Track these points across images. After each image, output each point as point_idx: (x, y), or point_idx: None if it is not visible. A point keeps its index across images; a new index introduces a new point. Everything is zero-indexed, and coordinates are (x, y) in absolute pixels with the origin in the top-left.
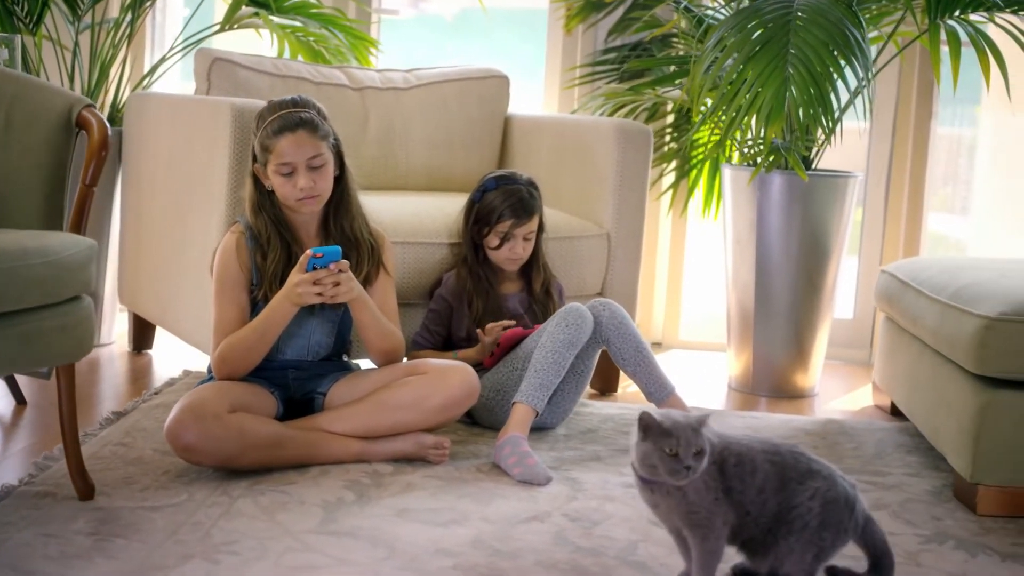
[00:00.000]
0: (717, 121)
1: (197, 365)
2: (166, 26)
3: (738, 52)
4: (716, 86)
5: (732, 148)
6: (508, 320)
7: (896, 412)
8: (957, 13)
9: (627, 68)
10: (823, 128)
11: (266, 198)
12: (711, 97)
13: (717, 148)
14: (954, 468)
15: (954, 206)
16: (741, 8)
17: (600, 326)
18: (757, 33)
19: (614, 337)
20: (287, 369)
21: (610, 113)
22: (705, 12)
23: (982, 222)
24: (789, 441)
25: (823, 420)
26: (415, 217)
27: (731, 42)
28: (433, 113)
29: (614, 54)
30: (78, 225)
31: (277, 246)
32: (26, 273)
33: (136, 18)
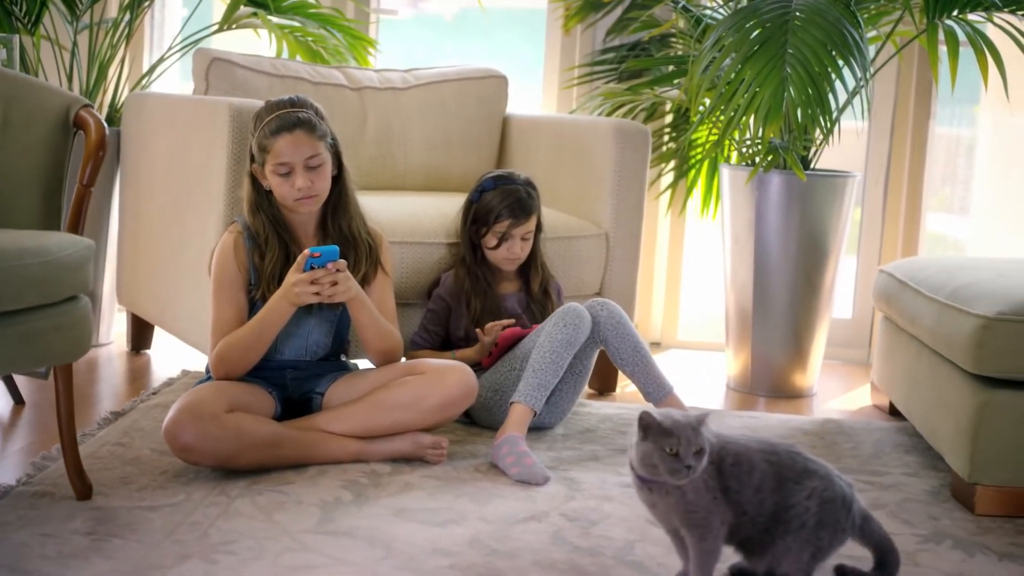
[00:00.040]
0: (715, 121)
1: (195, 365)
2: (164, 26)
3: (736, 52)
4: (714, 86)
5: (730, 148)
6: (508, 319)
7: (895, 412)
8: (955, 13)
9: (625, 68)
10: (821, 128)
11: (264, 198)
12: (709, 97)
13: (715, 148)
14: (952, 468)
15: (953, 206)
16: (739, 8)
17: (598, 326)
18: (755, 33)
19: (612, 337)
20: (285, 369)
21: (608, 113)
22: (703, 12)
23: (981, 222)
24: (787, 441)
25: (821, 420)
26: (413, 217)
27: (729, 42)
28: (431, 113)
29: (612, 54)
30: (76, 225)
31: (275, 246)
32: (23, 273)
33: (134, 18)
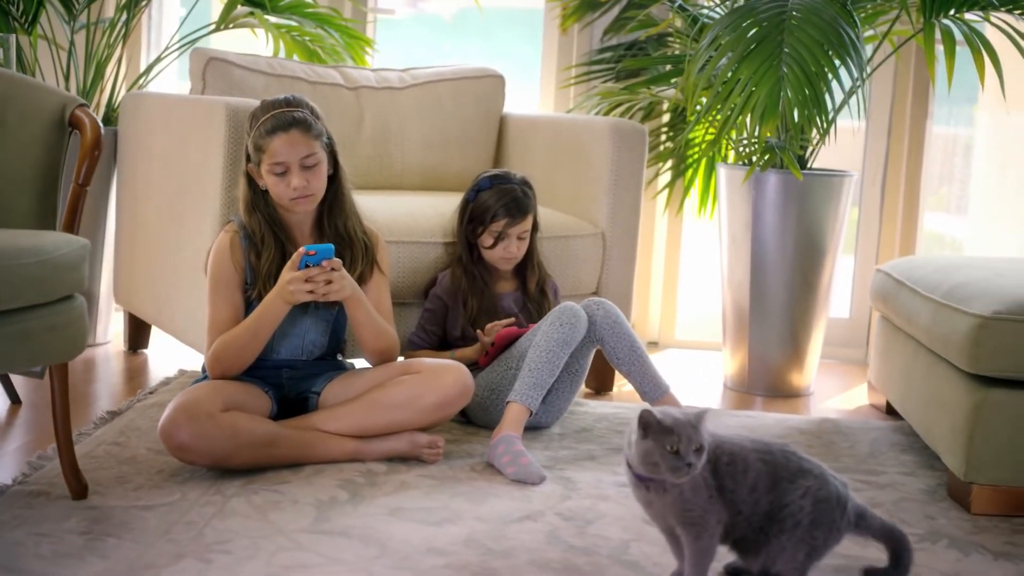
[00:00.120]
0: (712, 120)
1: (192, 364)
2: (162, 25)
3: (732, 51)
4: (711, 85)
5: (727, 147)
6: (507, 319)
7: (891, 411)
8: (952, 12)
9: (622, 67)
10: (817, 128)
11: (260, 197)
12: (706, 96)
13: (712, 147)
14: (948, 467)
15: (950, 205)
16: (736, 7)
17: (594, 325)
18: (751, 32)
19: (608, 336)
20: (281, 368)
21: (606, 112)
22: (700, 11)
23: (979, 221)
24: (784, 440)
25: (818, 419)
26: (410, 216)
27: (725, 41)
28: (428, 112)
29: (610, 53)
30: (71, 224)
31: (271, 245)
32: (19, 272)
33: (132, 17)
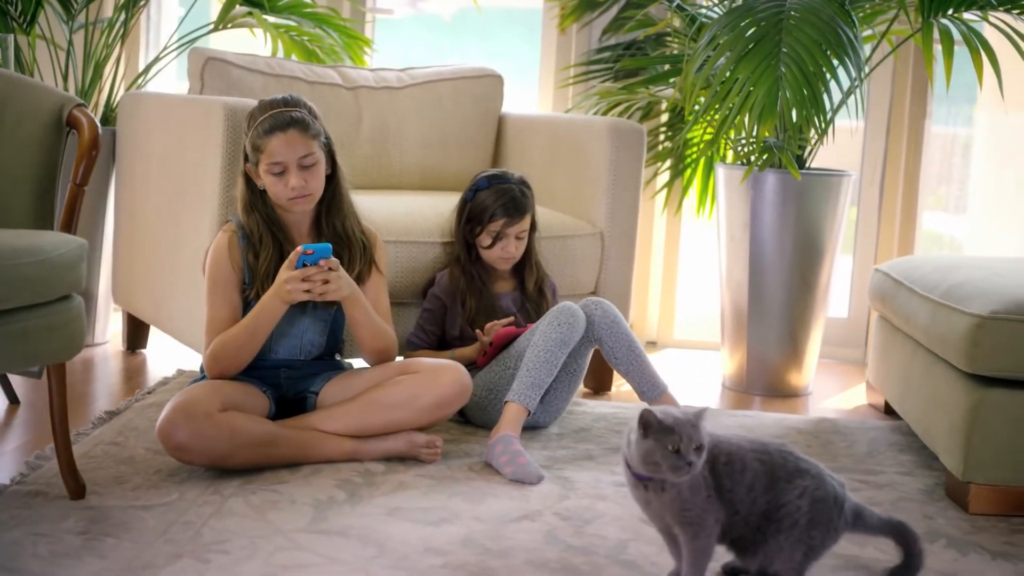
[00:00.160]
0: (710, 120)
1: (191, 364)
2: (161, 25)
3: (730, 51)
4: (709, 85)
5: (726, 147)
6: (507, 318)
7: (890, 411)
8: (950, 12)
9: (621, 67)
10: (816, 128)
11: (258, 197)
12: (704, 96)
13: (710, 147)
14: (946, 467)
15: (949, 205)
16: (734, 7)
17: (592, 325)
18: (750, 32)
19: (606, 336)
20: (279, 368)
21: (604, 112)
22: (698, 11)
23: (978, 221)
24: (783, 440)
25: (816, 419)
26: (408, 216)
27: (723, 41)
28: (427, 112)
29: (608, 53)
30: (69, 224)
31: (269, 245)
32: (16, 272)
33: (130, 17)
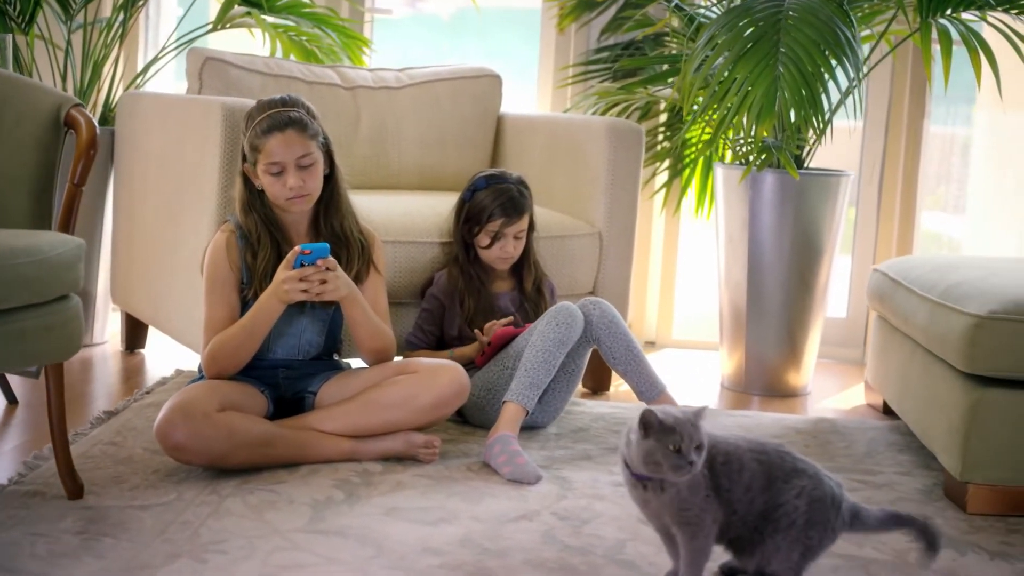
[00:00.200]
0: (708, 120)
1: (189, 364)
2: (159, 25)
3: (729, 51)
4: (707, 84)
5: (724, 147)
6: (506, 317)
7: (888, 411)
8: (949, 12)
9: (619, 67)
10: (814, 128)
11: (256, 197)
12: (703, 96)
13: (708, 147)
14: (944, 467)
15: (948, 205)
16: (732, 7)
17: (590, 325)
18: (748, 32)
19: (604, 336)
20: (277, 368)
21: (603, 112)
22: (697, 11)
23: (977, 221)
24: (781, 440)
25: (815, 419)
26: (406, 216)
27: (722, 40)
28: (425, 112)
29: (606, 53)
30: (66, 224)
31: (267, 245)
32: (14, 272)
33: (128, 17)
